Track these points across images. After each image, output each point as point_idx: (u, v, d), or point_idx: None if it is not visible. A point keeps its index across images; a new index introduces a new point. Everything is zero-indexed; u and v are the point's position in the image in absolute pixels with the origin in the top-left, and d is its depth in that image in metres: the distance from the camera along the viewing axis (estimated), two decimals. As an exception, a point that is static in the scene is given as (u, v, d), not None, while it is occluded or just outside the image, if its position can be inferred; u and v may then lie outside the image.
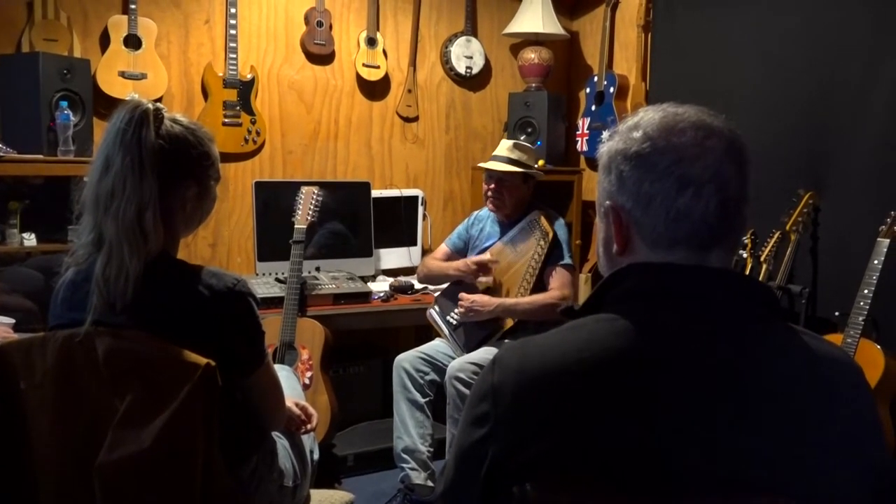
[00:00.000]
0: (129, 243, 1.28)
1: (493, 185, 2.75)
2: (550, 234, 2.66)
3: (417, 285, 3.28)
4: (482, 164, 2.80)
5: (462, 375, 2.51)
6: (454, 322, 2.77)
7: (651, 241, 0.86)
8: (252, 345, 1.36)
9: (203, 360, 1.22)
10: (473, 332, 2.72)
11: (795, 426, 0.78)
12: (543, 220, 2.70)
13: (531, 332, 2.65)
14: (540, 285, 2.67)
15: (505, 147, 2.79)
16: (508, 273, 2.74)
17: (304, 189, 2.93)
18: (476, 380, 0.90)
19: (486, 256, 2.76)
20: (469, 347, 2.68)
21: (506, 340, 2.66)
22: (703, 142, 0.85)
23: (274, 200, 3.24)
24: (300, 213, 2.86)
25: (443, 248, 3.02)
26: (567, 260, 2.68)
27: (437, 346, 2.81)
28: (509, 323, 2.69)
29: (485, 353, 2.59)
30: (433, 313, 2.88)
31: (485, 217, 2.94)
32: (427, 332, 3.23)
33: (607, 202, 0.89)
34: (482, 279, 2.73)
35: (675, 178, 0.84)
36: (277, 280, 3.02)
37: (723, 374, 0.79)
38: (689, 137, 0.85)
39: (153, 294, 1.28)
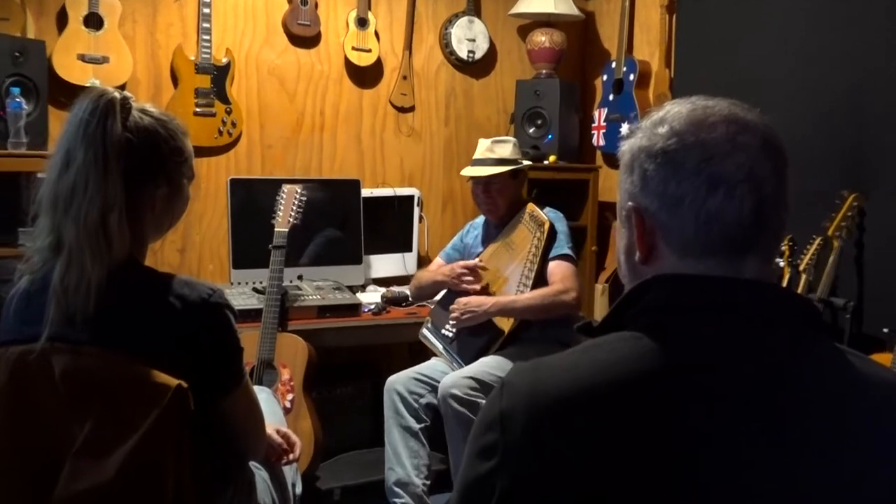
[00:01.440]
0: (92, 248, 1.28)
1: (482, 191, 2.80)
2: (546, 225, 2.69)
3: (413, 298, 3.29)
4: (464, 173, 2.86)
5: (457, 392, 2.51)
6: (450, 335, 2.78)
7: (679, 247, 0.86)
8: (229, 363, 1.37)
9: (174, 381, 1.23)
10: (470, 343, 2.74)
11: (840, 455, 0.79)
12: (537, 212, 2.73)
13: (535, 340, 2.75)
14: (541, 282, 2.69)
15: (483, 147, 2.86)
16: (505, 274, 2.76)
17: (285, 188, 2.94)
18: (482, 406, 0.90)
19: (475, 260, 2.79)
20: (467, 360, 2.69)
21: (508, 350, 2.67)
22: (735, 137, 0.85)
23: (251, 200, 3.25)
24: (281, 214, 2.87)
25: (437, 262, 3.06)
26: (566, 250, 2.72)
27: (434, 366, 2.82)
28: (508, 325, 2.70)
29: (482, 367, 2.60)
30: (426, 332, 2.89)
31: (479, 224, 3.01)
32: (423, 350, 3.24)
33: (629, 204, 0.90)
34: (470, 286, 2.75)
35: (704, 177, 0.84)
36: (255, 290, 3.02)
37: (761, 400, 0.80)
38: (720, 133, 0.86)
39: (118, 306, 1.29)
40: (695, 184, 0.85)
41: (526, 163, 2.91)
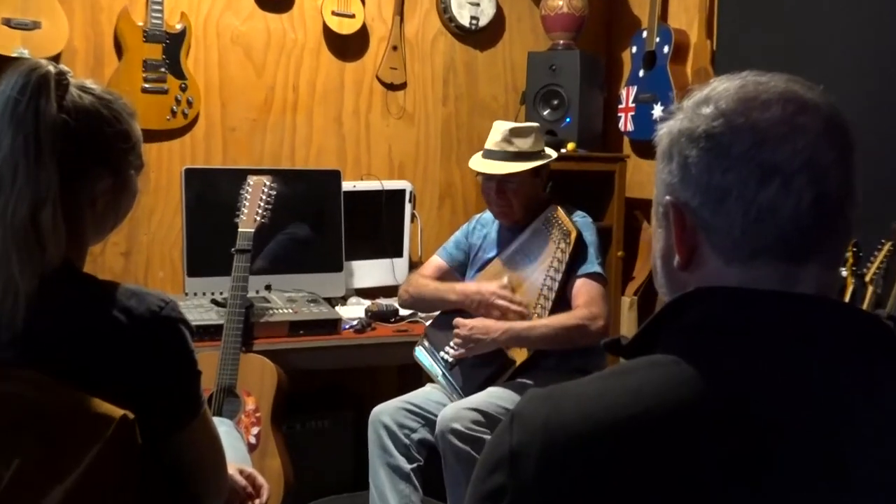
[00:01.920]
0: (20, 252, 1.28)
1: (494, 191, 2.77)
2: (573, 234, 2.68)
3: (403, 311, 3.29)
4: (475, 167, 2.81)
5: (459, 426, 2.51)
6: (450, 359, 2.78)
7: (724, 250, 0.87)
8: (184, 389, 1.37)
9: (118, 411, 1.23)
10: (474, 371, 2.74)
11: None
12: (562, 216, 2.72)
13: (552, 370, 2.74)
14: (562, 303, 2.68)
15: (499, 136, 2.78)
16: (520, 290, 2.76)
17: (251, 179, 2.95)
18: (487, 441, 0.90)
19: (510, 295, 2.71)
20: (468, 391, 2.69)
21: (520, 381, 2.67)
22: (793, 118, 0.85)
23: (210, 194, 3.26)
24: (246, 211, 2.87)
25: (435, 262, 3.03)
26: (595, 267, 2.70)
27: (428, 394, 2.82)
28: (521, 356, 2.70)
29: (489, 398, 2.60)
30: (422, 352, 2.89)
31: (490, 221, 2.97)
32: (415, 375, 3.24)
33: (667, 198, 0.90)
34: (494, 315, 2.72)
35: (755, 166, 0.84)
36: (214, 302, 3.02)
37: (822, 434, 0.80)
38: (774, 113, 0.86)
39: (52, 321, 1.29)
40: (743, 173, 0.85)
41: (551, 155, 2.86)
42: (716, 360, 0.83)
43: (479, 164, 2.81)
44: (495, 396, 2.61)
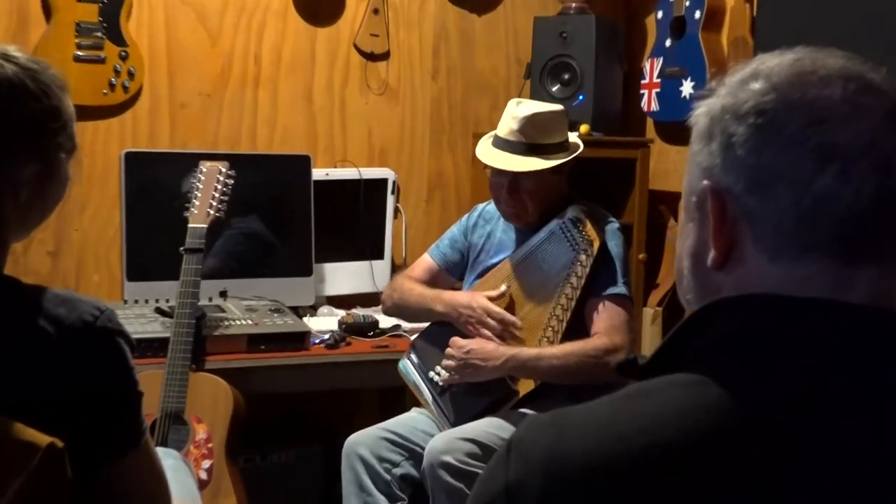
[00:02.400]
0: (-71, 250, 1.29)
1: (506, 189, 2.75)
2: (596, 244, 2.68)
3: (385, 322, 3.29)
4: (484, 158, 2.78)
5: (450, 459, 2.52)
6: (440, 382, 2.79)
7: (771, 244, 0.87)
8: (122, 413, 1.38)
9: (45, 439, 1.23)
10: (468, 400, 2.75)
11: None
12: (583, 220, 2.72)
13: (561, 397, 2.70)
14: (577, 328, 2.69)
15: (515, 122, 2.73)
16: (527, 307, 2.76)
17: (204, 166, 2.95)
18: (480, 474, 0.91)
19: (503, 314, 2.71)
20: (461, 422, 2.70)
21: (523, 411, 2.68)
22: (855, 97, 0.87)
23: (155, 183, 3.25)
24: (198, 204, 2.87)
25: (425, 262, 3.03)
26: (620, 288, 2.70)
27: (413, 422, 2.83)
28: (527, 386, 2.70)
29: (487, 427, 2.61)
30: (408, 367, 2.89)
31: (494, 215, 2.95)
32: (398, 399, 3.24)
33: (705, 183, 0.91)
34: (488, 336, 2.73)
35: (812, 147, 0.85)
36: (159, 311, 3.02)
37: (878, 470, 0.81)
38: (835, 91, 0.87)
39: (-33, 332, 1.30)
40: (798, 155, 0.86)
41: (579, 146, 2.81)
42: (750, 382, 0.84)
43: (488, 154, 2.77)
44: (494, 426, 2.62)
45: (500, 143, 2.77)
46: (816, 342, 0.85)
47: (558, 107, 2.84)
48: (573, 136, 2.87)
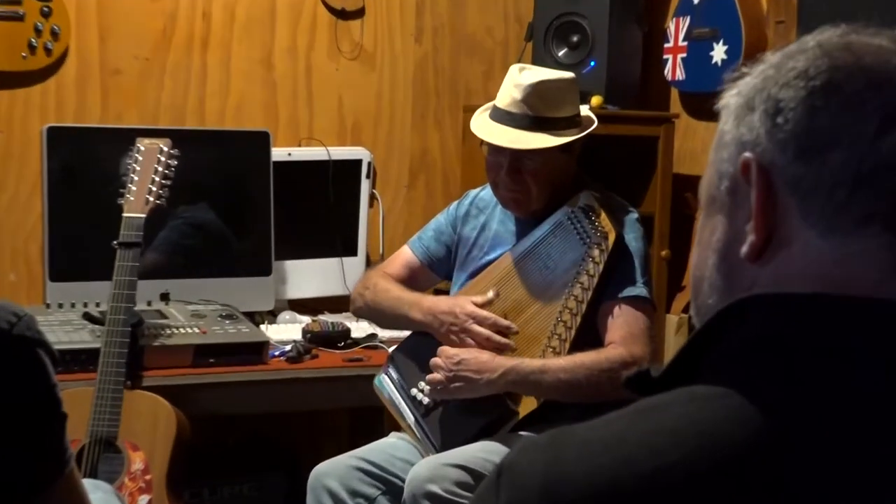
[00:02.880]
0: None
1: (506, 170, 2.75)
2: (612, 237, 2.67)
3: (358, 330, 3.30)
4: (480, 133, 2.77)
5: (436, 489, 2.51)
6: (425, 401, 2.79)
7: (823, 215, 0.89)
8: (42, 438, 1.37)
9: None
10: (459, 421, 2.75)
11: None
12: (596, 210, 2.72)
13: (570, 420, 2.67)
14: (589, 337, 2.70)
15: (515, 92, 2.73)
16: (529, 312, 2.77)
17: (142, 144, 2.94)
18: (467, 501, 0.92)
19: (493, 318, 2.71)
20: (449, 444, 2.70)
21: (523, 434, 2.68)
22: None
23: (83, 165, 3.25)
24: (135, 190, 2.87)
25: (405, 256, 3.02)
26: (640, 289, 2.70)
27: (392, 448, 2.83)
28: (529, 406, 2.71)
29: (479, 452, 2.61)
30: (386, 383, 2.89)
31: (490, 203, 2.95)
32: (372, 422, 3.24)
33: (747, 155, 0.94)
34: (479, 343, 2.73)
35: (875, 107, 0.90)
36: (88, 317, 3.02)
37: None
38: (891, 59, 0.92)
39: None
40: (860, 113, 0.89)
41: (592, 121, 2.82)
42: (779, 392, 0.85)
43: (485, 129, 2.77)
44: (488, 450, 2.61)
45: (500, 116, 2.76)
46: (855, 348, 0.86)
47: (569, 74, 2.84)
48: (585, 110, 2.87)
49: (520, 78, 2.74)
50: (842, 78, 0.91)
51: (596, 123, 2.83)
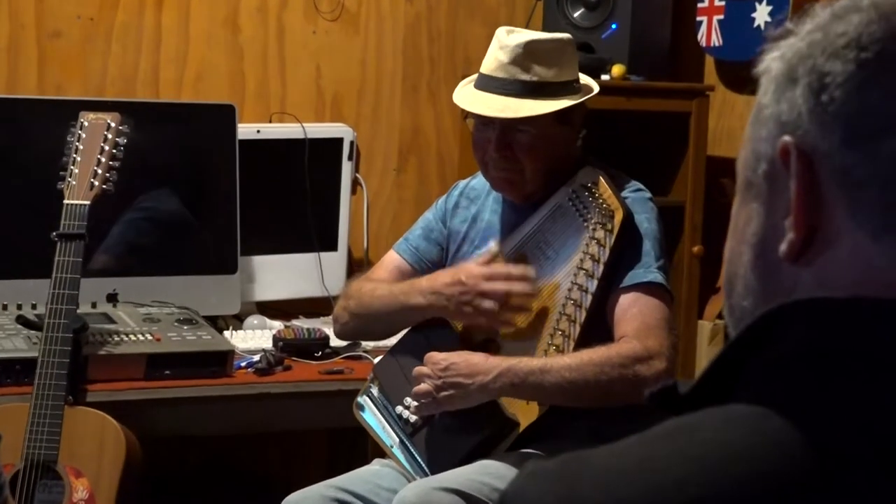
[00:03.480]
0: None
1: (494, 146, 2.76)
2: (619, 216, 2.68)
3: (337, 339, 3.30)
4: (462, 103, 2.80)
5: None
6: (412, 419, 2.80)
7: (875, 214, 0.89)
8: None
9: None
10: (450, 439, 2.76)
11: None
12: (604, 187, 2.72)
13: (580, 439, 2.64)
14: (597, 329, 2.72)
15: (505, 55, 2.75)
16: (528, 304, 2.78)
17: (86, 119, 2.95)
18: None
19: (507, 269, 2.72)
20: (440, 468, 2.71)
21: (526, 452, 2.70)
22: None
23: (17, 143, 3.26)
24: (77, 172, 2.87)
25: (391, 261, 3.04)
26: (654, 275, 2.71)
27: (376, 476, 2.85)
28: (531, 415, 2.73)
29: (475, 474, 2.61)
30: (368, 405, 2.90)
31: (483, 192, 2.98)
32: (354, 444, 3.25)
33: (786, 139, 0.93)
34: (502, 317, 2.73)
35: None
36: (23, 321, 3.02)
37: None
38: None
39: None
40: None
41: (592, 87, 2.85)
42: (826, 413, 0.86)
43: (469, 98, 2.80)
44: (485, 471, 2.63)
45: (485, 83, 2.78)
46: None
47: (563, 35, 2.88)
48: (585, 78, 2.89)
49: (507, 39, 2.77)
50: None
51: (596, 90, 2.86)
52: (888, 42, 0.90)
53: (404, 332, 2.94)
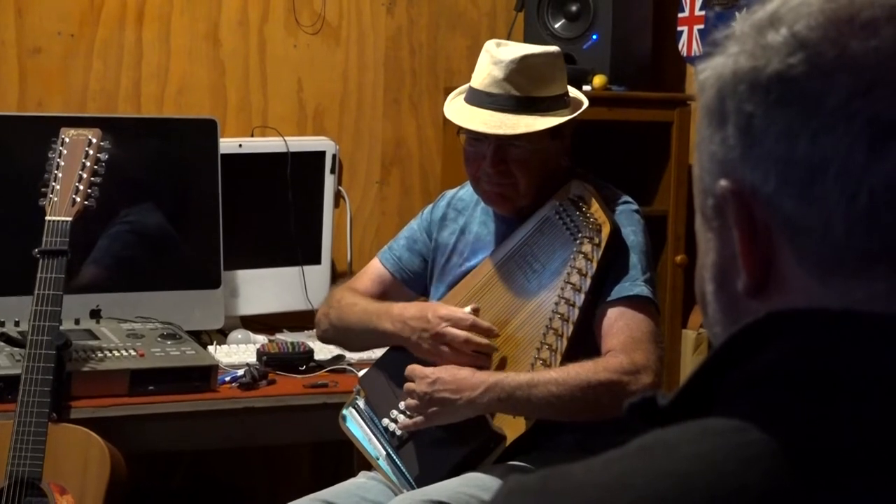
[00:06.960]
0: None
1: (489, 161, 2.75)
2: (606, 230, 2.69)
3: (323, 352, 3.31)
4: (455, 119, 2.78)
5: (411, 529, 2.54)
6: (398, 432, 2.79)
7: (820, 259, 0.88)
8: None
9: None
10: (436, 453, 2.76)
11: None
12: (590, 200, 2.73)
13: (567, 451, 2.69)
14: (583, 344, 2.72)
15: (495, 70, 2.74)
16: (515, 322, 2.79)
17: (67, 135, 2.94)
18: None
19: (471, 319, 2.73)
20: (426, 482, 2.71)
21: (512, 464, 2.70)
22: None
23: (-1, 159, 3.26)
24: (59, 189, 2.87)
25: (374, 270, 3.04)
26: (641, 288, 2.72)
27: (362, 489, 2.85)
28: (515, 429, 2.73)
29: (462, 486, 2.62)
30: (354, 418, 2.90)
31: (470, 203, 2.98)
32: (339, 458, 3.25)
33: (722, 183, 0.92)
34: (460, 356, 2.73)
35: (863, 124, 0.86)
36: (5, 338, 3.01)
37: None
38: (885, 39, 0.88)
39: None
40: (846, 136, 0.87)
41: (582, 101, 2.85)
42: (805, 426, 0.86)
43: (462, 114, 2.79)
44: (472, 483, 2.63)
45: (479, 99, 2.77)
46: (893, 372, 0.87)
47: (554, 48, 2.87)
48: (574, 91, 2.89)
49: (499, 53, 2.75)
50: (822, 84, 0.87)
51: (587, 104, 2.85)
52: (810, 81, 0.88)
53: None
